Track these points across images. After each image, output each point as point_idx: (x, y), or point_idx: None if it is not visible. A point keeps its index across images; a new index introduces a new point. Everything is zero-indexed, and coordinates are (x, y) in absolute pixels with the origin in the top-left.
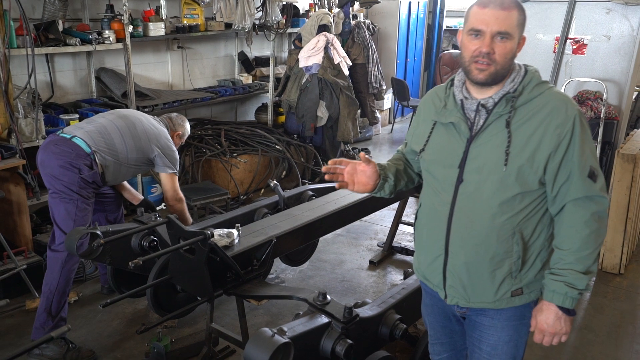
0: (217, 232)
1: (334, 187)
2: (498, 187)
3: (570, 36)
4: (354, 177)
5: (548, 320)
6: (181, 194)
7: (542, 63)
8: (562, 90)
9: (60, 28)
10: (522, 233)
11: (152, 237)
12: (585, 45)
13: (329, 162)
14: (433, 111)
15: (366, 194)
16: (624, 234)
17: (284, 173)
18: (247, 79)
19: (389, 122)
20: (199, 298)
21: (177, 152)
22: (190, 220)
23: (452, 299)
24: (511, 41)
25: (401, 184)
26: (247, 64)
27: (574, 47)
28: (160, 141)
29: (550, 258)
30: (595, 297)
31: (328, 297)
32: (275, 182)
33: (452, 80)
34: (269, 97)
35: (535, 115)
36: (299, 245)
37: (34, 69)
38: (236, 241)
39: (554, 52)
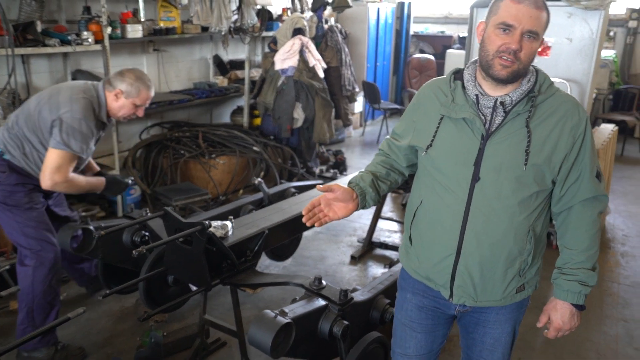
0: (213, 223)
1: (314, 184)
2: (517, 186)
3: None
4: (331, 207)
5: (564, 319)
6: (61, 178)
7: None
8: None
9: (39, 29)
10: (534, 231)
11: (144, 232)
12: (549, 47)
13: (303, 211)
14: (438, 105)
15: None
16: None
17: (262, 174)
18: (222, 81)
19: (360, 125)
20: (192, 289)
21: (85, 127)
22: (97, 183)
23: (458, 299)
24: (537, 41)
25: (383, 188)
26: (222, 67)
27: (539, 49)
28: (54, 109)
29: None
30: None
31: (323, 282)
32: (260, 179)
33: (456, 74)
34: (244, 100)
35: (552, 115)
36: (288, 237)
37: (14, 69)
38: (230, 233)
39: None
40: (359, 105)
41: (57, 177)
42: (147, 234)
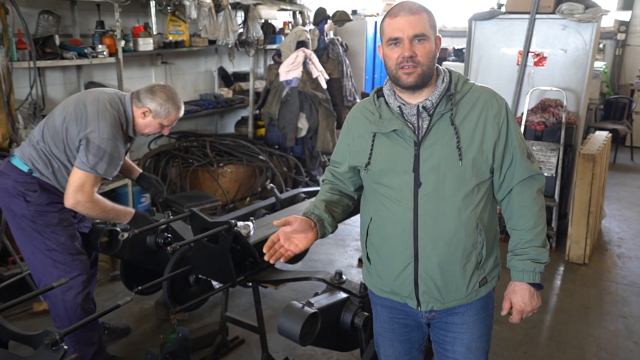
0: (237, 223)
1: None
2: (458, 182)
3: (531, 50)
4: (292, 240)
5: (525, 300)
6: (83, 198)
7: (508, 74)
8: (527, 99)
9: (57, 43)
10: (482, 222)
11: (166, 234)
12: (545, 58)
13: (264, 249)
14: (367, 125)
15: None
16: (587, 227)
17: (268, 182)
18: (227, 93)
19: None
20: (215, 287)
21: (113, 144)
22: (124, 213)
23: (426, 305)
24: (428, 42)
25: (338, 213)
26: (226, 79)
27: (535, 59)
28: (83, 126)
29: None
30: (565, 284)
31: (344, 276)
32: (272, 184)
33: (377, 92)
34: (249, 111)
35: (473, 108)
36: None
37: (36, 81)
38: (252, 233)
39: (517, 64)
40: None
41: (79, 197)
42: (169, 235)
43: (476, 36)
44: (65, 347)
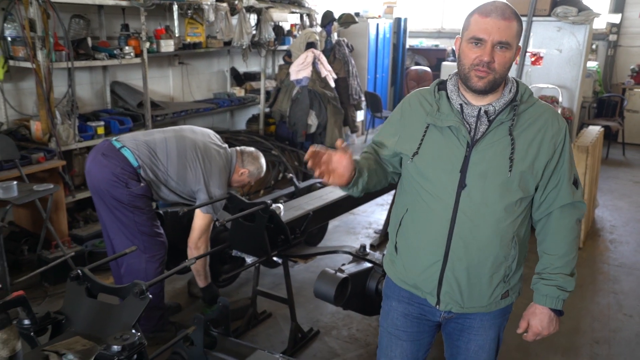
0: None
1: None
2: (502, 192)
3: (529, 50)
4: (330, 167)
5: (543, 324)
6: (203, 245)
7: None
8: None
9: (90, 45)
10: (519, 237)
11: None
12: (542, 57)
13: (309, 150)
14: (423, 114)
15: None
16: None
17: (280, 175)
18: (239, 92)
19: (362, 133)
20: (248, 261)
21: (224, 195)
22: (208, 278)
23: (445, 305)
24: (510, 51)
25: (373, 181)
26: (238, 78)
27: (532, 59)
28: (207, 178)
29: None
30: None
31: (367, 249)
32: (291, 174)
33: (439, 84)
34: (260, 108)
35: (533, 124)
36: (324, 220)
37: (74, 80)
38: (282, 213)
39: (515, 63)
40: (360, 114)
41: (204, 239)
42: None
43: None
44: (150, 296)
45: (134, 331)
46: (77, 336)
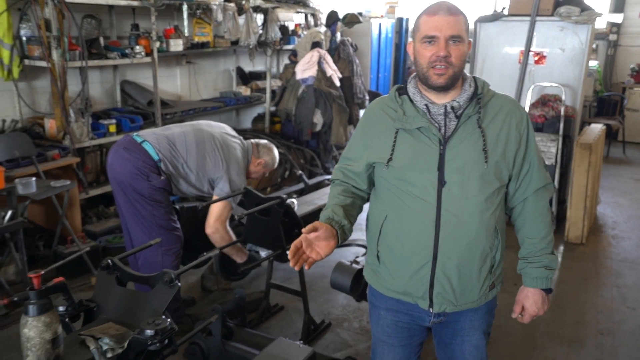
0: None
1: None
2: (481, 184)
3: (532, 49)
4: (313, 248)
5: (538, 304)
6: (221, 228)
7: (510, 72)
8: (528, 94)
9: (102, 44)
10: (500, 226)
11: None
12: (545, 56)
13: (289, 254)
14: (389, 120)
15: None
16: (584, 210)
17: (287, 173)
18: (245, 90)
19: None
20: (262, 255)
21: (243, 183)
22: (243, 253)
23: (439, 307)
24: (463, 44)
25: (354, 216)
26: (243, 77)
27: (536, 58)
28: (226, 164)
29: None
30: (565, 261)
31: None
32: (301, 172)
33: (398, 90)
34: (265, 107)
35: (498, 114)
36: None
37: (87, 79)
38: (296, 208)
39: (519, 62)
40: (361, 113)
41: (219, 225)
42: None
43: (481, 37)
44: (179, 284)
45: (164, 317)
46: (110, 322)
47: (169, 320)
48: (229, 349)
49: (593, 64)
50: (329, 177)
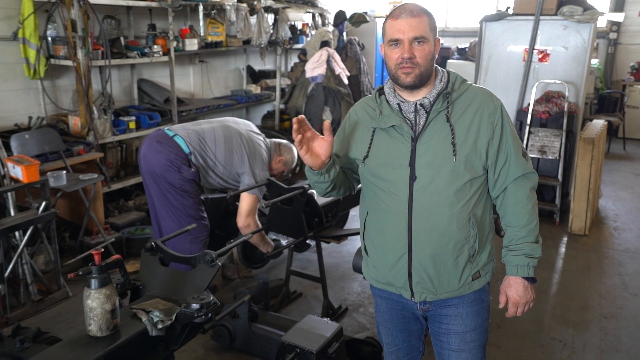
0: None
1: None
2: (451, 177)
3: (536, 47)
4: (310, 144)
5: (519, 292)
6: (252, 222)
7: (515, 70)
8: (533, 91)
9: (123, 44)
10: (475, 217)
11: (237, 202)
12: (549, 54)
13: (299, 116)
14: (368, 119)
15: None
16: (587, 202)
17: (297, 169)
18: (255, 89)
19: None
20: (283, 243)
21: (267, 177)
22: (269, 244)
23: (420, 296)
24: (428, 44)
25: (341, 178)
26: (253, 76)
27: (540, 56)
28: (252, 160)
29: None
30: (569, 251)
31: None
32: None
33: (379, 90)
34: (275, 105)
35: (469, 107)
36: (349, 207)
37: (111, 77)
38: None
39: (523, 60)
40: None
41: (250, 219)
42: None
43: (486, 36)
44: (220, 264)
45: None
46: (157, 298)
47: (212, 296)
48: (255, 330)
49: (594, 61)
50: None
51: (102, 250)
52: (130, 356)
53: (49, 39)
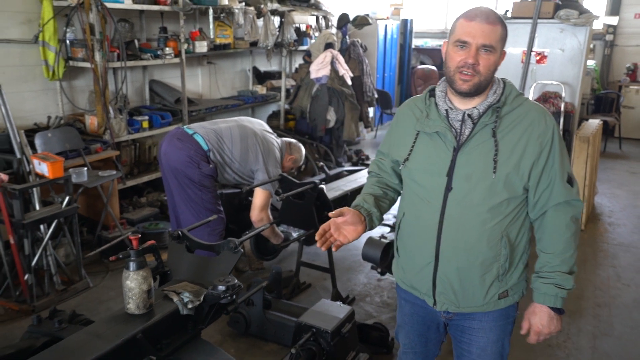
0: None
1: (361, 168)
2: (487, 194)
3: (534, 49)
4: (341, 232)
5: (543, 322)
6: (265, 216)
7: (513, 71)
8: (530, 91)
9: (137, 46)
10: (508, 237)
11: (249, 198)
12: (546, 56)
13: (316, 235)
14: (414, 121)
15: None
16: (583, 198)
17: (303, 167)
18: (261, 89)
19: (371, 130)
20: (294, 236)
21: (279, 173)
22: (280, 236)
23: (441, 305)
24: (494, 54)
25: (385, 207)
26: (259, 77)
27: (537, 58)
28: (265, 158)
29: (528, 260)
30: None
31: None
32: (322, 163)
33: (431, 91)
34: (280, 105)
35: (518, 124)
36: None
37: (126, 78)
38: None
39: (521, 62)
40: (370, 110)
41: (263, 214)
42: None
43: None
44: (242, 250)
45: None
46: (185, 282)
47: (236, 279)
48: (269, 317)
49: (590, 63)
50: (347, 168)
51: (140, 235)
52: (164, 333)
53: (67, 42)
